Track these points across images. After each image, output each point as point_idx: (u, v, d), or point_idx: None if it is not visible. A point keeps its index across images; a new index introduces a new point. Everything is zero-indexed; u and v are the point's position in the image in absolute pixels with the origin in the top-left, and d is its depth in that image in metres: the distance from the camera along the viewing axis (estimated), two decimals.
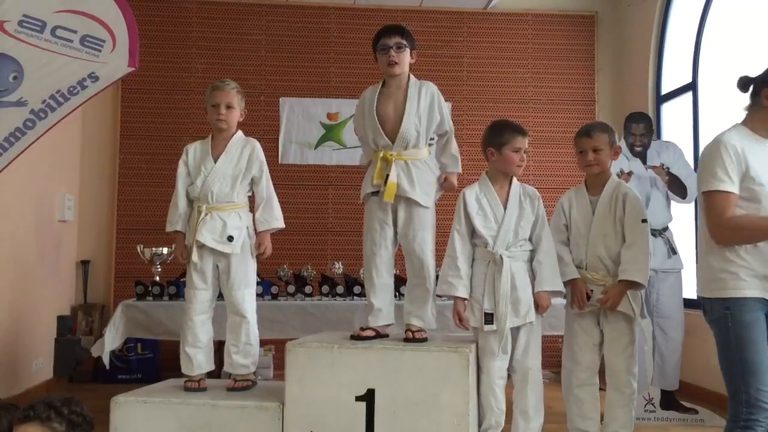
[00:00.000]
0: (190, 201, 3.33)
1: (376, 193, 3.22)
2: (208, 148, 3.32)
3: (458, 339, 3.38)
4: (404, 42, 3.22)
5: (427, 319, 3.19)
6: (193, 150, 3.36)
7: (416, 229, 3.17)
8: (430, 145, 3.30)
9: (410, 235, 3.18)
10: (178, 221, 3.31)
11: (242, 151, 3.32)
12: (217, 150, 3.31)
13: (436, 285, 3.23)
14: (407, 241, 3.19)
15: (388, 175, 3.13)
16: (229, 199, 3.26)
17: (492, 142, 3.22)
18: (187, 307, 3.27)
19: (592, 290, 3.22)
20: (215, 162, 3.27)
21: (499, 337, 3.08)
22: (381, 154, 3.18)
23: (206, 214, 3.22)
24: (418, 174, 3.17)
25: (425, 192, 3.19)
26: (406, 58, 3.23)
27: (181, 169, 3.34)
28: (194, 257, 3.21)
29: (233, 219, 3.25)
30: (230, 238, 3.21)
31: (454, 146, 3.33)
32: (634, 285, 3.18)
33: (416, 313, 3.18)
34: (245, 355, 3.27)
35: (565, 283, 3.23)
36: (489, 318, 3.11)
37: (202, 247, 3.22)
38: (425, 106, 3.21)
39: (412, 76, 3.29)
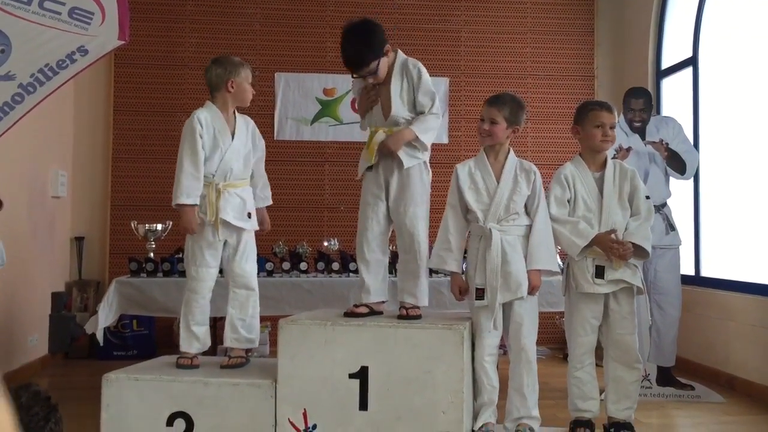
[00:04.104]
0: None
1: (371, 169, 3.20)
2: (224, 122, 3.22)
3: (453, 316, 3.37)
4: (366, 69, 3.09)
5: (419, 295, 3.16)
6: (205, 120, 3.19)
7: (407, 203, 3.13)
8: None
9: (401, 210, 3.14)
10: (198, 195, 3.15)
11: (247, 129, 3.31)
12: (230, 126, 3.25)
13: (429, 260, 3.21)
14: (398, 216, 3.16)
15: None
16: (243, 177, 3.26)
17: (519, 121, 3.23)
18: (198, 285, 3.20)
19: (603, 267, 3.23)
20: (232, 139, 3.22)
21: (490, 312, 3.07)
22: (373, 129, 3.17)
23: (224, 191, 3.18)
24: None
25: (408, 154, 3.13)
26: (377, 67, 3.10)
27: (199, 141, 3.14)
28: (219, 236, 3.18)
29: (248, 196, 3.26)
30: (249, 215, 3.23)
31: (431, 119, 3.14)
32: (640, 251, 3.22)
33: (409, 290, 3.16)
34: (251, 329, 3.28)
35: (590, 244, 3.20)
36: (480, 293, 3.11)
37: (222, 224, 3.18)
38: (407, 86, 3.14)
39: (399, 55, 3.20)
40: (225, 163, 3.18)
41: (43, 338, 5.24)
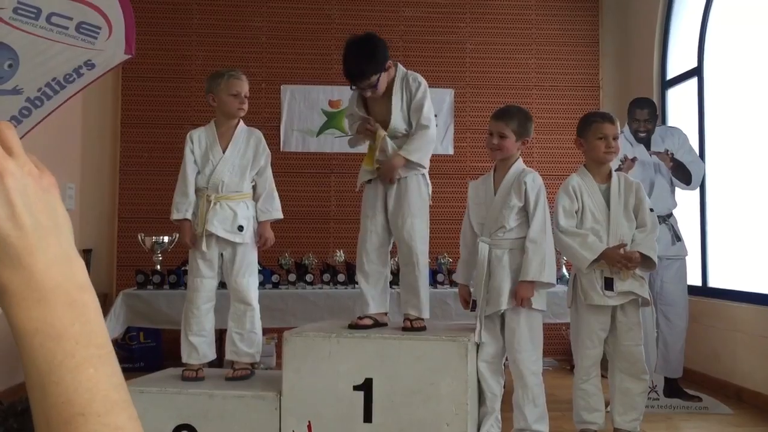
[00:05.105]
0: (195, 189, 3.31)
1: (370, 182, 3.22)
2: (215, 137, 3.28)
3: (458, 327, 3.37)
4: (367, 82, 3.08)
5: (421, 307, 3.16)
6: (198, 137, 3.29)
7: (405, 215, 3.14)
8: None
9: (399, 222, 3.15)
10: (188, 209, 3.25)
11: (248, 142, 3.32)
12: (223, 139, 3.28)
13: (429, 272, 3.28)
14: (397, 229, 3.17)
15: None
16: (237, 189, 3.26)
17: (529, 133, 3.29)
18: (193, 295, 3.24)
19: (612, 278, 3.22)
20: (224, 152, 3.25)
21: (478, 323, 3.11)
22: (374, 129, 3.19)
23: (215, 204, 3.20)
24: None
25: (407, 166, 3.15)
26: (378, 81, 3.10)
27: (189, 157, 3.27)
28: (204, 247, 3.20)
29: (242, 209, 3.25)
30: (240, 228, 3.23)
31: (418, 137, 3.11)
32: (647, 261, 3.22)
33: (411, 302, 3.16)
34: (250, 343, 3.27)
35: (598, 258, 3.18)
36: (474, 305, 3.20)
37: (209, 236, 3.21)
38: (407, 99, 3.16)
39: (399, 69, 3.21)
40: (216, 176, 3.22)
41: None
